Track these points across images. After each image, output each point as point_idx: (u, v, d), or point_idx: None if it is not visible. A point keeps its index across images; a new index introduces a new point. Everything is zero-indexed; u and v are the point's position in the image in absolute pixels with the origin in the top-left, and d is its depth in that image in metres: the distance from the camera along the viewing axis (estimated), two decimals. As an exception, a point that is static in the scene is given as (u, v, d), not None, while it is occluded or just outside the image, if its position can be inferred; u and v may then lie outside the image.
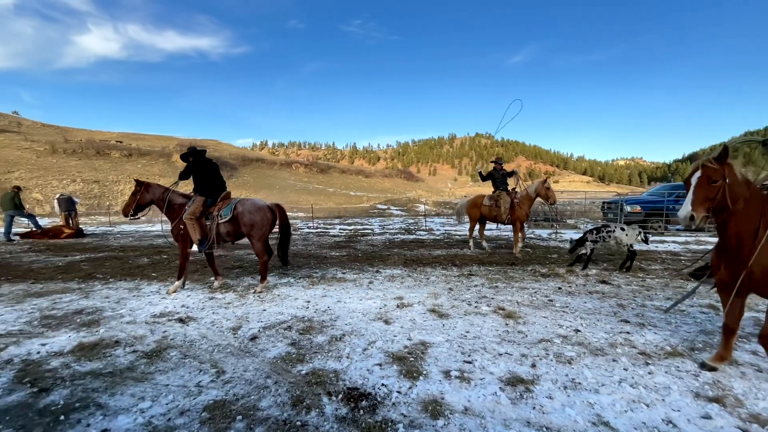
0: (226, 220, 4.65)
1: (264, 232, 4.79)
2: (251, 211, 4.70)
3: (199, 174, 4.80)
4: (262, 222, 4.72)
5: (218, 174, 4.97)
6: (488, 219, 8.17)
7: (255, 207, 4.76)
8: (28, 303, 4.15)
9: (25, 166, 31.23)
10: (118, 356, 2.77)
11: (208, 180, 4.81)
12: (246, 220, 4.66)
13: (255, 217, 4.69)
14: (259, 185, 49.51)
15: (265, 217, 4.76)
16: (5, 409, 2.08)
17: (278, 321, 3.55)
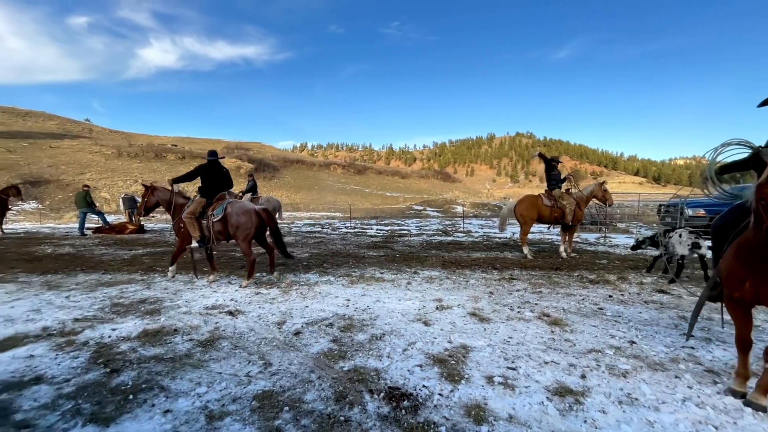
0: (218, 219, 5.00)
1: (248, 234, 5.04)
2: (238, 213, 5.02)
3: (207, 177, 5.24)
4: (246, 224, 4.99)
5: (224, 179, 5.39)
6: (546, 221, 7.72)
7: (242, 210, 5.07)
8: (100, 291, 4.61)
9: (95, 168, 34.65)
10: (177, 343, 2.99)
11: (213, 184, 5.25)
12: (233, 221, 4.98)
13: (241, 219, 4.98)
14: (299, 186, 51.23)
15: (250, 220, 5.03)
16: (84, 386, 2.33)
17: (320, 318, 3.65)
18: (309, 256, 7.51)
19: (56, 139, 45.16)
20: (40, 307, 3.91)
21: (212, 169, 5.30)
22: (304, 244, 9.40)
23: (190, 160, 46.97)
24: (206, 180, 5.26)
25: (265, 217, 5.24)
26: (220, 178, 5.34)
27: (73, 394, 2.23)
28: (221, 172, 5.40)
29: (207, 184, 5.25)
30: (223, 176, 5.40)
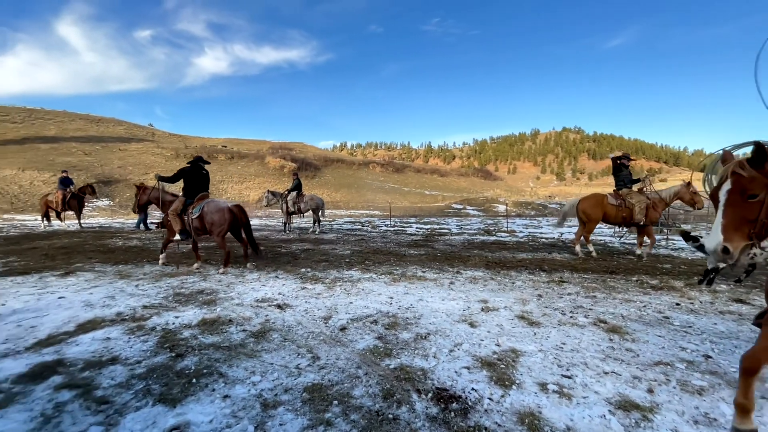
0: (195, 216, 5.63)
1: (222, 229, 5.61)
2: (212, 211, 5.60)
3: (189, 179, 5.94)
4: (220, 221, 5.56)
5: (204, 181, 6.11)
6: (612, 221, 7.33)
7: (216, 208, 5.65)
8: (164, 281, 5.01)
9: (157, 169, 37.86)
10: (231, 333, 3.16)
11: (194, 185, 5.94)
12: (208, 218, 5.58)
13: (214, 217, 5.57)
14: (339, 184, 52.32)
15: (223, 217, 5.58)
16: (153, 368, 2.53)
17: (364, 314, 3.69)
18: (351, 253, 7.63)
19: (124, 142, 49.85)
20: (114, 294, 4.33)
21: (193, 172, 5.98)
22: (345, 242, 9.57)
23: (238, 160, 49.75)
24: (188, 182, 5.94)
25: (237, 214, 5.78)
26: (201, 180, 6.03)
27: (144, 375, 2.44)
28: (201, 174, 6.08)
29: (188, 185, 5.94)
30: (203, 178, 6.10)
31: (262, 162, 51.18)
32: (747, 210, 1.59)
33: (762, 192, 1.57)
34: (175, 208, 5.85)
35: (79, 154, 39.26)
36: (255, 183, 40.07)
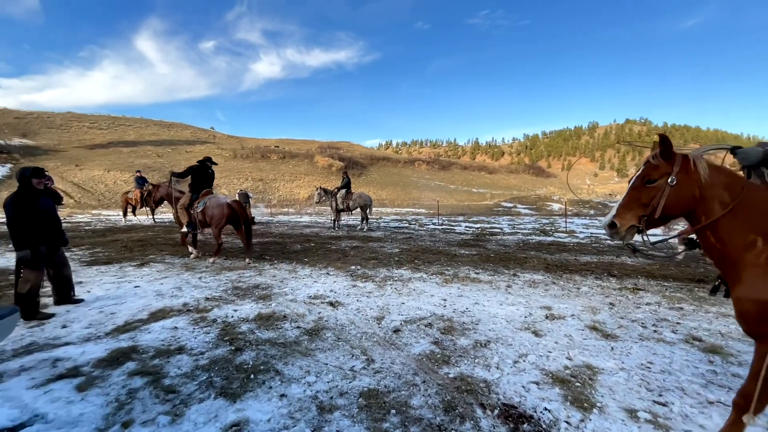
0: (200, 210, 6.15)
1: (220, 222, 6.06)
2: (213, 206, 6.08)
3: (196, 177, 6.50)
4: (219, 215, 6.02)
5: (210, 179, 6.67)
6: None
7: (216, 203, 6.10)
8: (224, 275, 5.26)
9: (217, 169, 40.96)
10: (286, 330, 3.18)
11: (200, 182, 6.48)
12: (208, 213, 6.08)
13: (214, 211, 6.05)
14: (384, 182, 52.64)
15: (222, 212, 6.03)
16: (214, 360, 2.60)
17: (418, 316, 3.54)
18: (399, 251, 7.52)
19: (190, 144, 54.39)
20: (181, 285, 4.62)
21: (200, 170, 6.54)
22: (393, 240, 9.48)
23: (289, 159, 52.00)
24: (195, 179, 6.52)
25: (236, 209, 6.20)
26: (206, 178, 6.58)
27: (206, 366, 2.50)
28: (207, 173, 6.62)
29: (195, 182, 6.50)
30: (209, 176, 6.64)
31: (312, 161, 53.03)
32: (644, 194, 1.72)
33: (660, 179, 1.68)
34: (183, 203, 6.46)
35: (153, 156, 43.54)
36: (305, 181, 41.62)
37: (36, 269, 3.40)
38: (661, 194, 1.68)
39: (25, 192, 3.40)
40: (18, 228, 3.29)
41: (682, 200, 1.67)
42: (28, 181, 3.44)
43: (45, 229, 3.50)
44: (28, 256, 3.34)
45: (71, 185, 29.24)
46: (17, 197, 3.34)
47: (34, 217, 3.39)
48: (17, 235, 3.29)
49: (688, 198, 1.66)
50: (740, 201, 1.57)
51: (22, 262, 3.33)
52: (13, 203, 3.29)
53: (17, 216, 3.29)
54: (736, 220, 1.58)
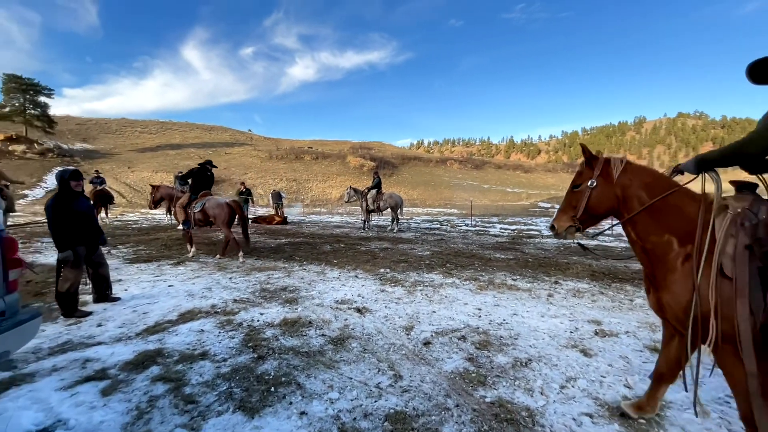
0: (197, 210, 6.54)
1: (224, 220, 6.46)
2: (213, 206, 6.48)
3: (195, 179, 6.92)
4: (221, 214, 6.43)
5: (209, 181, 7.05)
6: None
7: (216, 204, 6.51)
8: (253, 276, 5.27)
9: (254, 169, 42.40)
10: (311, 337, 3.05)
11: (199, 184, 6.88)
12: (210, 212, 6.49)
13: (216, 211, 6.46)
14: (415, 182, 52.17)
15: (223, 211, 6.46)
16: (236, 368, 2.51)
17: (450, 327, 3.28)
18: (430, 254, 7.25)
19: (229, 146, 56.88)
20: (211, 285, 4.65)
21: (199, 173, 6.96)
22: (423, 241, 9.21)
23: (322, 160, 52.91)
24: (194, 180, 6.95)
25: (235, 208, 6.64)
26: (205, 180, 6.96)
27: (228, 375, 2.41)
28: (206, 175, 7.01)
29: (195, 183, 6.92)
30: (208, 179, 7.03)
31: (344, 161, 53.64)
32: (573, 198, 1.94)
33: (583, 183, 1.90)
34: (182, 202, 6.83)
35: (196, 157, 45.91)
36: (337, 182, 42.11)
37: (75, 269, 3.51)
38: (583, 197, 1.89)
39: (64, 194, 3.53)
40: (58, 229, 3.41)
41: (604, 200, 1.85)
42: (66, 184, 3.56)
43: (83, 229, 3.61)
44: (70, 257, 3.46)
45: (124, 186, 31.48)
46: (57, 200, 3.47)
47: (72, 219, 3.50)
48: (58, 237, 3.41)
49: (610, 198, 1.84)
50: (661, 201, 1.69)
51: (62, 262, 3.45)
52: (53, 206, 3.42)
53: (57, 218, 3.41)
54: (652, 219, 1.71)
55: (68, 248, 3.45)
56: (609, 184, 1.84)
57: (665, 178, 1.80)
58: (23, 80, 38.44)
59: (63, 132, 47.94)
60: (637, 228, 1.76)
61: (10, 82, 37.79)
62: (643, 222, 1.74)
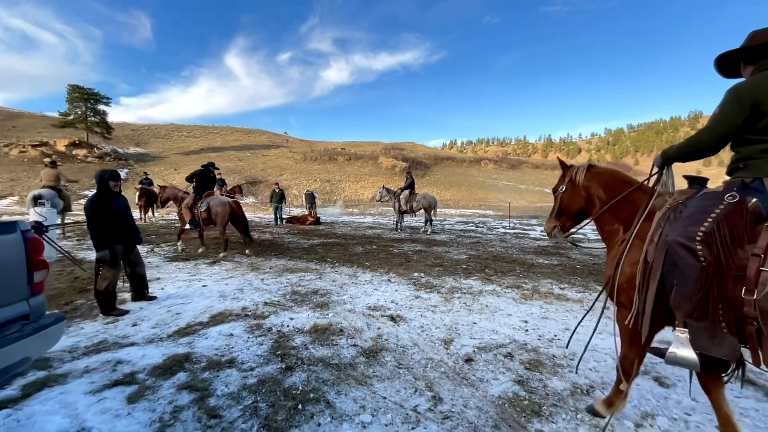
0: (203, 210, 6.83)
1: (224, 219, 6.76)
2: (216, 205, 6.78)
3: (200, 180, 7.25)
4: (222, 213, 6.73)
5: (212, 182, 7.44)
6: None
7: (219, 202, 6.80)
8: (285, 277, 5.19)
9: (289, 171, 43.59)
10: (342, 347, 2.85)
11: (203, 185, 7.23)
12: (213, 211, 6.76)
13: (218, 209, 6.73)
14: (448, 182, 51.25)
15: (225, 210, 6.74)
16: (263, 379, 2.35)
17: (494, 342, 2.96)
18: (467, 258, 6.87)
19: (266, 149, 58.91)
20: (243, 287, 4.61)
21: (203, 174, 7.31)
22: (459, 244, 8.82)
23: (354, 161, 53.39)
24: (198, 182, 7.26)
25: (235, 208, 6.94)
26: (208, 181, 7.33)
27: (254, 387, 2.26)
28: (209, 177, 7.40)
29: (199, 184, 7.24)
30: (211, 180, 7.40)
31: (376, 162, 53.79)
32: (554, 202, 2.30)
33: (558, 189, 2.26)
34: (187, 203, 7.20)
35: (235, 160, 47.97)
36: (369, 182, 42.25)
37: (112, 267, 3.56)
38: (557, 201, 2.23)
39: (102, 194, 3.59)
40: (96, 228, 3.47)
41: (574, 202, 2.15)
42: (105, 184, 3.63)
43: (120, 229, 3.66)
44: (107, 256, 3.51)
45: (170, 187, 33.53)
46: (95, 199, 3.53)
47: (109, 218, 3.55)
48: (96, 236, 3.47)
49: (578, 199, 2.12)
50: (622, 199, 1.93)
51: (100, 261, 3.51)
52: (92, 205, 3.48)
53: (95, 217, 3.47)
54: (609, 213, 1.98)
55: (105, 247, 3.50)
56: (575, 187, 2.15)
57: (624, 177, 2.03)
58: (85, 90, 42.00)
59: (119, 137, 51.88)
60: (599, 221, 2.05)
61: (74, 92, 41.44)
62: (602, 216, 2.01)
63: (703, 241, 1.45)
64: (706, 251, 1.44)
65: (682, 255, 1.49)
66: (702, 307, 1.45)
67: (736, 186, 1.55)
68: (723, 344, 1.42)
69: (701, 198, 1.63)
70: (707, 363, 1.45)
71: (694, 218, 1.53)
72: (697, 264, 1.45)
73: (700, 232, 1.46)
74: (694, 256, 1.45)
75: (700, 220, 1.50)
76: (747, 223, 1.46)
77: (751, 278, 1.38)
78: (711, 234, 1.45)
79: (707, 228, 1.46)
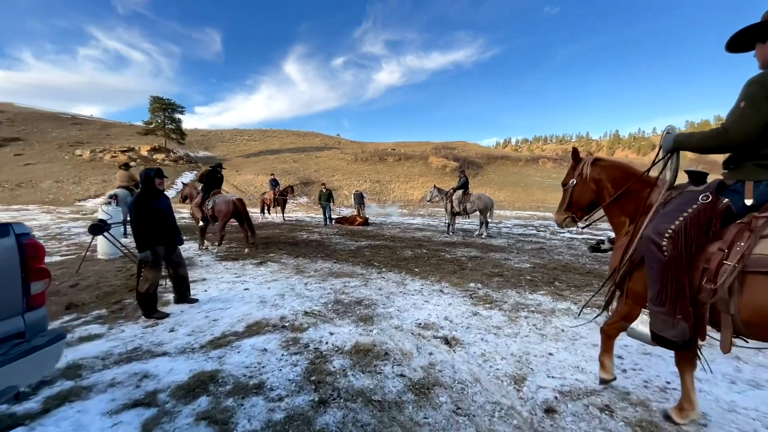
0: (209, 207, 7.19)
1: (224, 216, 7.06)
2: (219, 203, 7.12)
3: (208, 180, 7.64)
4: (225, 210, 7.05)
5: (219, 181, 7.81)
6: None
7: (223, 200, 7.14)
8: (329, 282, 4.87)
9: (340, 171, 44.45)
10: (386, 377, 2.38)
11: (210, 184, 7.60)
12: (216, 208, 7.11)
13: (221, 207, 7.07)
14: (503, 182, 48.74)
15: (227, 208, 7.05)
16: (292, 415, 1.96)
17: (582, 386, 2.29)
18: (531, 267, 6.04)
19: (319, 151, 60.85)
20: (285, 292, 4.35)
21: (210, 174, 7.71)
22: (519, 250, 7.93)
23: (404, 161, 53.02)
24: (206, 181, 7.65)
25: (239, 206, 7.16)
26: (215, 181, 7.71)
27: (279, 426, 1.87)
28: (217, 177, 7.78)
29: (207, 184, 7.63)
30: (218, 179, 7.78)
31: (426, 162, 52.89)
32: (564, 195, 2.40)
33: (569, 182, 2.37)
34: (196, 202, 7.66)
35: (290, 161, 50.13)
36: (419, 183, 41.58)
37: (154, 269, 3.46)
38: (568, 194, 2.38)
39: (146, 192, 3.51)
40: (139, 228, 3.39)
41: (585, 195, 2.29)
42: (151, 182, 3.54)
43: (162, 229, 3.57)
44: (149, 258, 3.41)
45: (232, 187, 35.76)
46: (140, 197, 3.45)
47: (152, 218, 3.47)
48: (139, 236, 3.39)
49: (588, 192, 2.27)
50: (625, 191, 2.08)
51: (142, 263, 3.42)
52: (136, 205, 3.40)
53: (138, 216, 3.39)
54: (616, 205, 2.14)
55: (148, 248, 3.41)
56: (584, 181, 2.26)
57: (628, 169, 2.16)
58: (163, 101, 46.66)
59: (191, 142, 56.95)
60: (608, 213, 2.21)
61: (154, 102, 46.25)
62: (610, 208, 2.18)
63: (670, 237, 1.64)
64: (670, 247, 1.63)
65: (650, 249, 1.70)
66: (661, 295, 1.66)
67: (713, 187, 1.72)
68: (675, 328, 1.64)
69: (681, 196, 1.80)
70: (661, 340, 1.71)
71: (668, 216, 1.72)
72: (662, 257, 1.64)
73: (670, 230, 1.65)
74: (660, 250, 1.65)
75: (673, 218, 1.69)
76: (715, 222, 1.63)
77: (712, 270, 1.57)
78: (678, 232, 1.63)
79: (677, 226, 1.65)
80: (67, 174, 31.80)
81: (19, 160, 35.41)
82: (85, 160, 37.90)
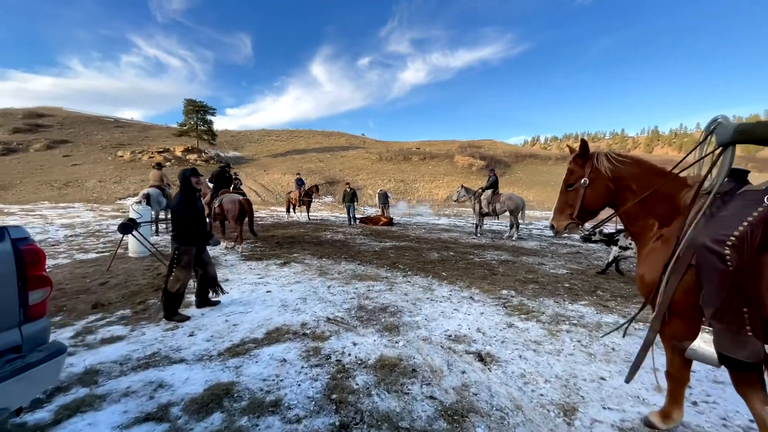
0: (217, 206, 7.43)
1: (234, 215, 7.24)
2: (227, 202, 7.35)
3: (217, 180, 8.06)
4: (232, 209, 7.26)
5: (227, 181, 8.24)
6: None
7: (230, 200, 7.37)
8: (352, 286, 4.68)
9: (365, 171, 44.49)
10: (415, 398, 2.14)
11: (219, 184, 8.03)
12: (224, 207, 7.32)
13: (228, 206, 7.29)
14: (531, 181, 47.07)
15: (234, 206, 7.26)
16: (310, 440, 1.76)
17: (642, 421, 1.95)
18: (568, 273, 5.60)
19: (344, 150, 61.29)
20: (307, 296, 4.20)
21: (219, 174, 8.15)
22: (554, 254, 7.44)
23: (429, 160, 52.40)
24: (216, 181, 8.08)
25: (245, 205, 7.42)
26: (224, 180, 8.16)
27: (296, 454, 1.68)
28: (225, 177, 8.20)
29: (216, 183, 8.06)
30: (226, 179, 8.23)
31: (451, 161, 52.01)
32: (569, 197, 2.07)
33: (577, 182, 2.02)
34: (205, 201, 7.81)
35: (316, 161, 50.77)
36: (444, 182, 40.90)
37: (186, 269, 3.43)
38: (578, 196, 2.01)
39: (187, 191, 3.54)
40: (182, 228, 3.44)
41: (600, 195, 1.97)
42: (188, 181, 3.55)
43: (198, 229, 3.56)
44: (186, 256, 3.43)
45: (259, 186, 36.61)
46: (182, 198, 3.51)
47: (193, 217, 3.50)
48: (179, 235, 3.44)
49: (604, 192, 1.96)
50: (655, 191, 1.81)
51: (176, 261, 3.39)
52: (185, 206, 3.47)
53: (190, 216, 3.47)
54: (641, 207, 1.86)
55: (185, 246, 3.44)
56: (601, 179, 1.95)
57: (654, 167, 1.89)
58: (196, 103, 48.53)
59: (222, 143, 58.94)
60: (628, 215, 1.92)
61: (188, 105, 48.19)
62: (632, 210, 1.89)
63: (733, 245, 1.42)
64: (734, 256, 1.42)
65: (709, 259, 1.48)
66: (726, 310, 1.45)
67: None
68: (746, 347, 1.42)
69: (740, 197, 1.57)
70: (729, 361, 1.46)
71: (729, 221, 1.50)
72: (724, 268, 1.43)
73: (733, 237, 1.44)
74: (722, 260, 1.44)
75: (734, 223, 1.47)
76: None
77: None
78: (743, 239, 1.42)
79: (740, 233, 1.43)
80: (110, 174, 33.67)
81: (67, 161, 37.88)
82: (125, 160, 40.01)
